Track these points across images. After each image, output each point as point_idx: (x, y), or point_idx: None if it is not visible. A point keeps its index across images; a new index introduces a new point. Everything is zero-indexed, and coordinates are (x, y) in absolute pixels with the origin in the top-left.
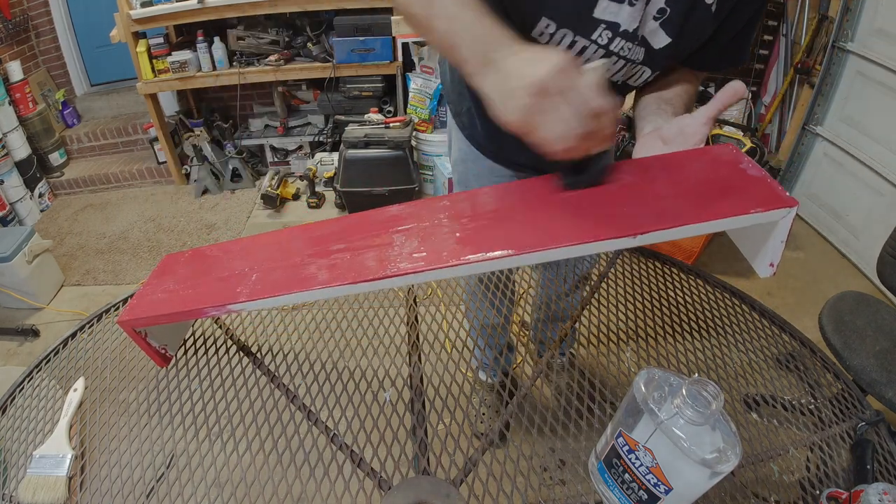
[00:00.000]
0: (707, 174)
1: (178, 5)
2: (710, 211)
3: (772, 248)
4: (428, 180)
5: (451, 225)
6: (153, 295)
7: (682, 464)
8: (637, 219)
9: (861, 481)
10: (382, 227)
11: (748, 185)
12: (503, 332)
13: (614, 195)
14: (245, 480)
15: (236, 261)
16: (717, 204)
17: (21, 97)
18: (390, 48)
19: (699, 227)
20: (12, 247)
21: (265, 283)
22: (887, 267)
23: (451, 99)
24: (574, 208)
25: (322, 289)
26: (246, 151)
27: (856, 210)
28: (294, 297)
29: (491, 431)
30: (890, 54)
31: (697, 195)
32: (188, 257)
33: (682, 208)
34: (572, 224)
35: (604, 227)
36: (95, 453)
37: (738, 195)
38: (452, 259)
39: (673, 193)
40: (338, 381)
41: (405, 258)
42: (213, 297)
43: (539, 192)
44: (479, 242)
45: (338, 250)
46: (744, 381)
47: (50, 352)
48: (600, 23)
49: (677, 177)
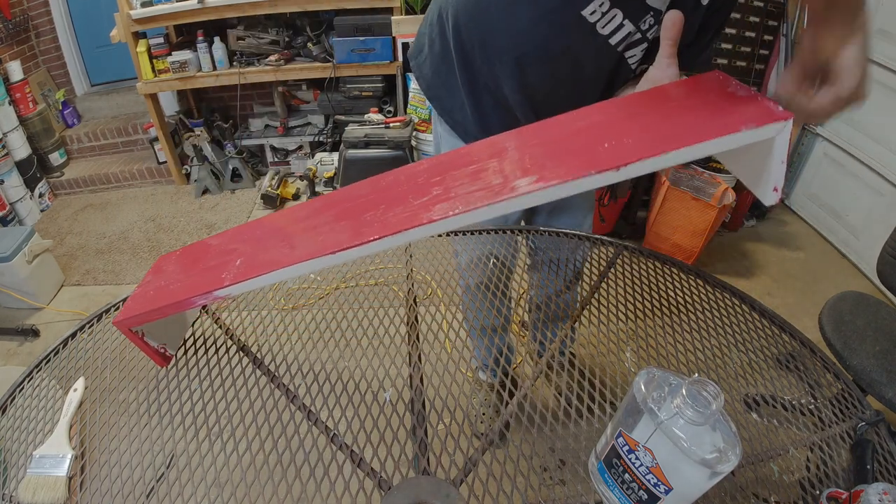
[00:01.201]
0: (693, 101)
1: (178, 5)
2: (697, 134)
3: (773, 171)
4: None
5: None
6: (146, 294)
7: (682, 464)
8: (620, 151)
9: (861, 481)
10: (368, 198)
11: (738, 105)
12: (503, 333)
13: (599, 132)
14: (245, 480)
15: (223, 250)
16: (705, 126)
17: (21, 97)
18: (390, 48)
19: (686, 151)
20: (12, 247)
21: (249, 265)
22: (887, 267)
23: (439, 95)
24: (556, 148)
25: (304, 262)
26: (246, 151)
27: (856, 210)
28: (277, 275)
29: (491, 431)
30: (890, 54)
31: (684, 122)
32: (179, 254)
33: (667, 136)
34: (555, 163)
35: (587, 164)
36: (95, 453)
37: (727, 115)
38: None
39: (658, 124)
40: (338, 381)
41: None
42: (199, 286)
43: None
44: (463, 197)
45: (322, 224)
46: (744, 381)
47: (50, 352)
48: (650, 10)
49: (662, 108)
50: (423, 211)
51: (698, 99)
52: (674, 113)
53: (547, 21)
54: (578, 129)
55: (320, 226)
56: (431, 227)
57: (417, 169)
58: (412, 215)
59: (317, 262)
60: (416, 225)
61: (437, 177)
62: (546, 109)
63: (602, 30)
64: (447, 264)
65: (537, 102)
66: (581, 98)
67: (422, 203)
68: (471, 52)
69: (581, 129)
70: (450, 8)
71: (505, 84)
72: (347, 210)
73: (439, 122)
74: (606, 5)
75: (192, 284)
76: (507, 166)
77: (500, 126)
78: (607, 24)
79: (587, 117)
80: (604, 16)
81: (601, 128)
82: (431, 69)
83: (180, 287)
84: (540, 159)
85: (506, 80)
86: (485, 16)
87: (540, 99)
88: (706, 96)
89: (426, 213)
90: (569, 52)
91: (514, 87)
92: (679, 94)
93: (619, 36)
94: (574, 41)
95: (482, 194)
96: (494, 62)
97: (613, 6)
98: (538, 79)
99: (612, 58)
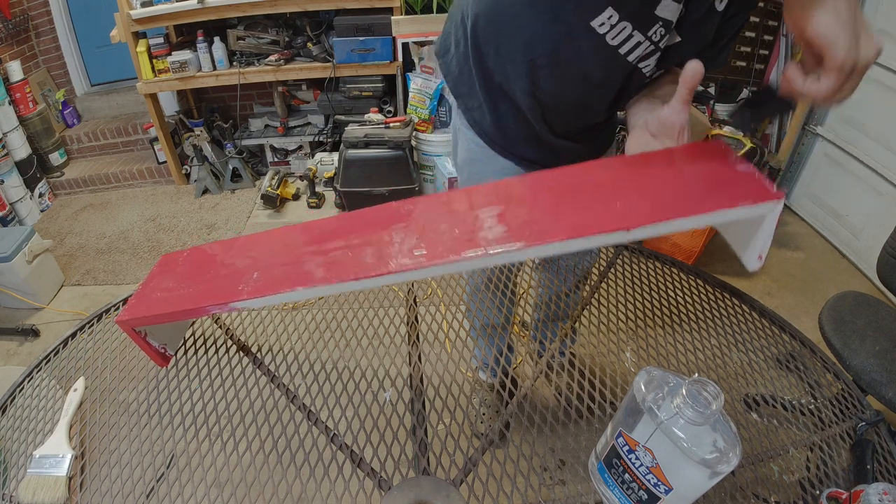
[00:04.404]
0: (696, 170)
1: (178, 5)
2: (700, 205)
3: (760, 241)
4: (428, 180)
5: (450, 220)
6: (152, 294)
7: (682, 464)
8: (630, 213)
9: (861, 481)
10: (382, 223)
11: (736, 180)
12: (503, 332)
13: (607, 191)
14: (245, 480)
15: (236, 259)
16: (707, 198)
17: (21, 97)
18: (390, 48)
19: (689, 220)
20: (12, 247)
21: (267, 280)
22: (887, 267)
23: (461, 93)
24: (567, 203)
25: (324, 286)
26: (246, 151)
27: (856, 210)
28: (297, 294)
29: (491, 431)
30: (890, 54)
31: (687, 190)
32: (186, 256)
33: (672, 203)
34: (568, 219)
35: (598, 222)
36: (95, 453)
37: (726, 190)
38: (451, 255)
39: (663, 189)
40: (338, 381)
41: (405, 254)
42: (215, 295)
43: (532, 186)
44: (476, 239)
45: (338, 247)
46: (744, 381)
47: (50, 352)
48: (659, 20)
49: (668, 173)
50: (462, 247)
51: (702, 168)
52: (679, 180)
53: (557, 28)
54: (587, 183)
55: (340, 249)
56: (463, 264)
57: (448, 198)
58: (449, 248)
59: (336, 287)
60: (447, 260)
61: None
62: (555, 114)
63: (612, 41)
64: None
65: (547, 106)
66: (590, 105)
67: (459, 237)
68: (486, 53)
69: (590, 184)
70: (470, 9)
71: (516, 85)
72: (365, 240)
73: (459, 116)
74: (615, 18)
75: (205, 292)
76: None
77: (514, 127)
78: (617, 35)
79: (597, 172)
80: (613, 28)
81: (610, 187)
82: (457, 68)
83: (192, 293)
84: (551, 213)
85: (517, 81)
86: (501, 17)
87: (549, 102)
88: (709, 166)
89: (463, 250)
90: (578, 60)
91: (525, 88)
92: (684, 161)
93: (628, 46)
94: (584, 49)
95: (505, 239)
96: (507, 63)
97: (622, 19)
98: (547, 82)
99: (624, 68)
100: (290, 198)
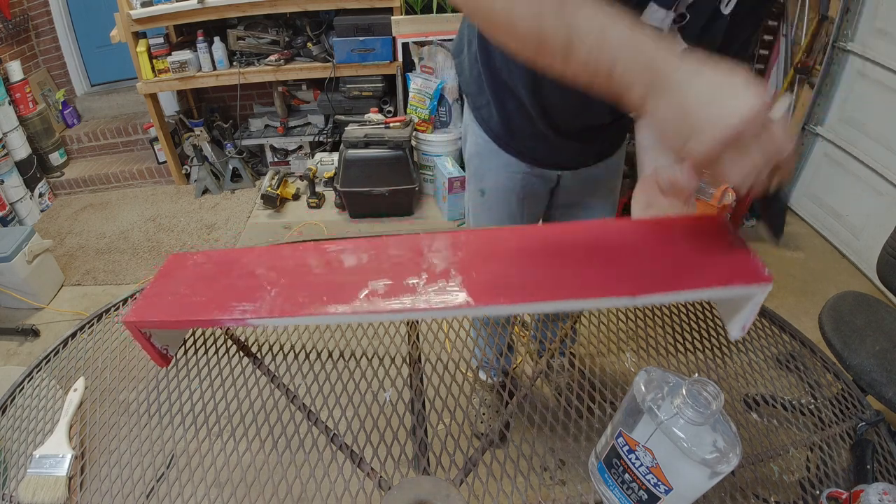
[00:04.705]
0: (698, 244)
1: (178, 5)
2: (699, 279)
3: (747, 315)
4: (428, 180)
5: (464, 264)
6: (162, 297)
7: (682, 464)
8: (637, 280)
9: (861, 481)
10: (410, 259)
11: (733, 258)
12: (503, 332)
13: (616, 254)
14: (245, 480)
15: (251, 271)
16: (706, 273)
17: (21, 97)
18: (390, 48)
19: (689, 293)
20: (12, 247)
21: (288, 301)
22: (887, 267)
23: (471, 92)
24: (575, 262)
25: (345, 315)
26: (246, 151)
27: (856, 210)
28: (318, 319)
29: (491, 431)
30: (890, 54)
31: (688, 263)
32: (198, 260)
33: (675, 275)
34: (574, 278)
35: (606, 285)
36: (95, 453)
37: (723, 267)
38: (473, 300)
39: (668, 259)
40: (338, 381)
41: (442, 292)
42: (231, 308)
43: (544, 239)
44: (490, 290)
45: (357, 279)
46: (744, 381)
47: (50, 352)
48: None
49: (673, 244)
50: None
51: (703, 242)
52: (683, 253)
53: None
54: (599, 244)
55: (361, 273)
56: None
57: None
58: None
59: (365, 317)
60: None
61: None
62: (558, 113)
63: None
64: None
65: (549, 105)
66: (590, 106)
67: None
68: (493, 52)
69: (602, 245)
70: None
71: (520, 84)
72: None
73: (468, 113)
74: None
75: (220, 303)
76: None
77: (520, 125)
78: None
79: (607, 233)
80: None
81: (618, 251)
82: (469, 67)
83: (206, 302)
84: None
85: (520, 80)
86: None
87: (551, 102)
88: (710, 241)
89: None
90: None
91: (529, 87)
92: (688, 234)
93: None
94: None
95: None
96: (511, 63)
97: None
98: (548, 82)
99: None
100: (290, 198)
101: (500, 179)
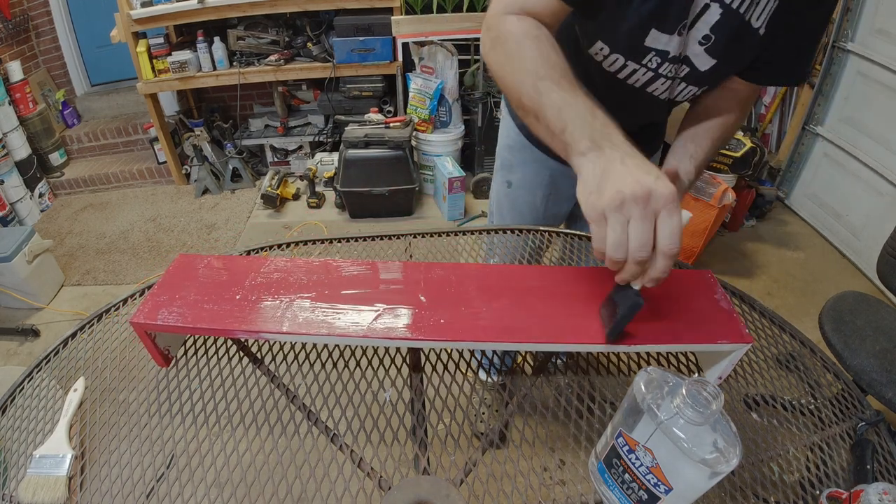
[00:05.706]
0: (687, 299)
1: (178, 5)
2: (688, 336)
3: (724, 367)
4: (428, 180)
5: (476, 299)
6: (171, 301)
7: (682, 464)
8: (636, 333)
9: (861, 481)
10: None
11: (717, 317)
12: None
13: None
14: (245, 480)
15: (266, 283)
16: (694, 329)
17: (21, 97)
18: (390, 48)
19: (678, 346)
20: (12, 247)
21: (304, 318)
22: (887, 267)
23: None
24: (576, 307)
25: (360, 338)
26: (246, 151)
27: (856, 210)
28: (329, 339)
29: (491, 431)
30: (890, 54)
31: (678, 317)
32: (209, 265)
33: (667, 329)
34: (577, 323)
35: (588, 332)
36: (95, 453)
37: (709, 324)
38: (478, 335)
39: (661, 313)
40: (338, 381)
41: (470, 321)
42: (246, 320)
43: (554, 282)
44: (496, 327)
45: (369, 300)
46: (744, 381)
47: (50, 352)
48: (651, 50)
49: (665, 300)
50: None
51: (692, 300)
52: (673, 308)
53: (564, 47)
54: (586, 293)
55: (377, 295)
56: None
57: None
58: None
59: (376, 340)
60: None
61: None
62: None
63: (609, 68)
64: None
65: None
66: (625, 109)
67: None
68: None
69: (591, 295)
70: None
71: None
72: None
73: (505, 105)
74: (607, 50)
75: (234, 313)
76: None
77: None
78: (612, 64)
79: (599, 278)
80: (606, 58)
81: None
82: None
83: (218, 311)
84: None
85: None
86: None
87: None
88: (698, 298)
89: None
90: (586, 78)
91: None
92: (677, 290)
93: (625, 73)
94: (589, 70)
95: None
96: None
97: (613, 51)
98: (584, 86)
99: (629, 91)
100: (290, 198)
101: (528, 174)
